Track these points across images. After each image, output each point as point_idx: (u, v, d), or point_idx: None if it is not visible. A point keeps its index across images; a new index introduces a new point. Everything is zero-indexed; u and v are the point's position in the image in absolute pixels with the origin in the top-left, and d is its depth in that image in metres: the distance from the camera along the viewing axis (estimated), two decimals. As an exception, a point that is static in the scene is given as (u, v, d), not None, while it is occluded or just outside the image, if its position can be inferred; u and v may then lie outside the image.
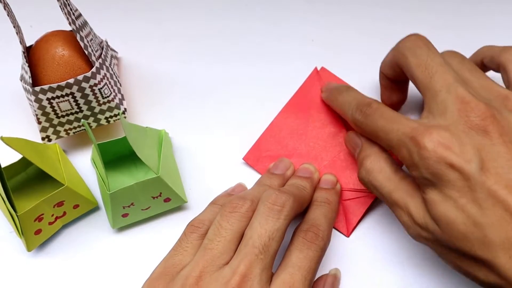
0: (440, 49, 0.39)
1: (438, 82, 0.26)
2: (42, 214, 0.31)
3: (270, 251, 0.25)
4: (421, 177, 0.25)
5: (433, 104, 0.26)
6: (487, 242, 0.23)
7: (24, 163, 0.34)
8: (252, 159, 0.35)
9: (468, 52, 0.39)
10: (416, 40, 0.29)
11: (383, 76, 0.34)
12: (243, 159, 0.35)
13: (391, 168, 0.28)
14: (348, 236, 0.33)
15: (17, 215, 0.29)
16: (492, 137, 0.24)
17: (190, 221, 0.29)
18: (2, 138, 0.27)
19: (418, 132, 0.25)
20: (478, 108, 0.25)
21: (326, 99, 0.35)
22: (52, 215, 0.32)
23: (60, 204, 0.31)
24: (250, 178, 0.34)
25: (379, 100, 0.35)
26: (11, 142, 0.28)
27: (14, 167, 0.33)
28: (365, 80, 0.38)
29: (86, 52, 0.32)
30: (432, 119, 0.26)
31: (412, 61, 0.28)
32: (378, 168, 0.28)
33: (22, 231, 0.30)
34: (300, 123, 0.36)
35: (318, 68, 0.37)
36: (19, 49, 0.33)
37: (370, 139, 0.30)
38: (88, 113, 0.34)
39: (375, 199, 0.33)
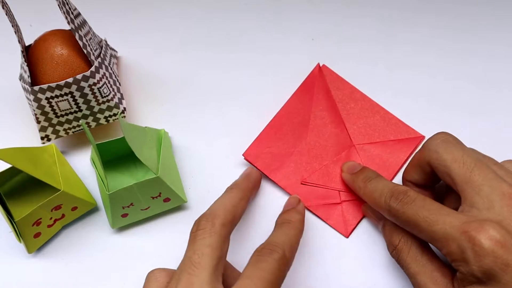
0: (441, 50, 0.39)
1: (479, 176, 0.25)
2: (40, 219, 0.31)
3: (203, 265, 0.24)
4: (468, 273, 0.24)
5: (477, 198, 0.25)
6: None
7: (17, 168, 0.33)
8: (252, 155, 0.35)
9: (468, 53, 0.39)
10: (446, 136, 0.28)
11: (408, 183, 0.31)
12: (243, 155, 0.35)
13: (420, 248, 0.27)
14: (347, 237, 0.33)
15: (14, 221, 0.29)
16: None
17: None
18: None
19: (471, 227, 0.23)
20: None
21: (349, 183, 0.33)
22: (51, 218, 0.32)
23: (57, 207, 0.31)
24: (250, 178, 0.34)
25: None
26: (1, 154, 0.28)
27: (7, 172, 0.33)
28: (365, 80, 0.38)
29: (85, 51, 0.32)
30: (477, 213, 0.25)
31: (447, 156, 0.27)
32: (407, 248, 0.28)
33: (21, 235, 0.30)
34: (301, 120, 0.36)
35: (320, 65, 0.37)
36: (18, 48, 0.33)
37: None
38: (87, 112, 0.34)
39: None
